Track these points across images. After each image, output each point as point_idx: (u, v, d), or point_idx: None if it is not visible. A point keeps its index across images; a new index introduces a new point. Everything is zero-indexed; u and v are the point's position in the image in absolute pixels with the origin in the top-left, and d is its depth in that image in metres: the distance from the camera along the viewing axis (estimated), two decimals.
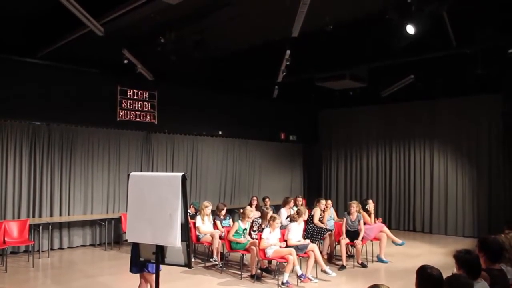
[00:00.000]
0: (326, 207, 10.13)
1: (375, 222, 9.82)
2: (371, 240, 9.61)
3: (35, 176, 10.07)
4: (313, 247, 8.09)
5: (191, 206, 10.09)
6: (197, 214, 9.47)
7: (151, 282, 5.38)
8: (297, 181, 16.45)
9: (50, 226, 9.69)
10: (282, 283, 7.57)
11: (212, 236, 8.95)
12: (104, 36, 7.58)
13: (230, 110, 13.29)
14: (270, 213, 8.65)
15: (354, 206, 9.33)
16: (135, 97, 11.19)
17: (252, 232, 8.61)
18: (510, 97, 11.68)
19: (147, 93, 11.41)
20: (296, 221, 8.35)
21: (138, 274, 5.50)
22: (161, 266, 4.61)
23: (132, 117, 11.13)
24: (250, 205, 10.90)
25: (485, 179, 12.56)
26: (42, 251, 9.68)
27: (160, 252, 4.36)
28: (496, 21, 8.47)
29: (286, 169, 15.99)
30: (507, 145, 12.02)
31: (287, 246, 7.96)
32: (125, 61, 9.44)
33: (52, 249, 10.00)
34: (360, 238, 9.09)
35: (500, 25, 8.54)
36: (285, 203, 10.45)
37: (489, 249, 4.23)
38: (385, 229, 9.76)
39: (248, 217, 8.56)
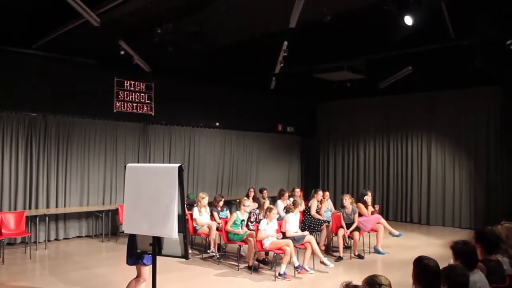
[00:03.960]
0: (324, 198, 10.15)
1: (372, 213, 9.83)
2: (368, 232, 9.63)
3: (31, 168, 10.04)
4: (310, 238, 8.10)
5: (186, 199, 10.08)
6: (192, 206, 9.46)
7: (143, 275, 5.35)
8: (294, 172, 16.46)
9: (47, 218, 9.67)
10: (279, 274, 7.59)
11: (210, 227, 8.96)
12: (101, 27, 7.51)
13: (228, 101, 13.27)
14: (267, 203, 8.66)
15: (347, 199, 9.36)
16: (132, 89, 11.15)
17: (249, 223, 8.63)
18: (509, 90, 11.67)
19: (144, 85, 11.37)
20: (292, 211, 8.35)
21: (135, 266, 5.48)
22: (150, 260, 4.60)
23: (129, 109, 11.10)
24: (248, 196, 10.90)
25: (482, 171, 12.58)
26: (38, 243, 9.69)
27: (157, 244, 4.35)
28: (495, 13, 8.43)
29: (284, 160, 15.99)
30: (505, 137, 12.03)
31: (284, 237, 7.97)
32: (122, 52, 9.36)
33: (48, 241, 9.99)
34: (351, 228, 9.10)
35: (499, 17, 8.50)
36: (280, 195, 10.46)
37: (485, 240, 4.24)
38: (382, 220, 9.77)
39: (244, 205, 8.56)
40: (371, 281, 3.09)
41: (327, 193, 10.48)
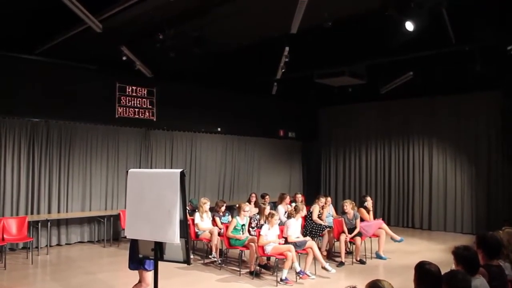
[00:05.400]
0: (325, 204, 10.14)
1: (374, 218, 9.83)
2: (370, 237, 9.61)
3: (33, 173, 10.05)
4: (312, 244, 8.10)
5: (189, 204, 10.10)
6: (195, 211, 9.47)
7: (145, 280, 5.37)
8: (296, 178, 16.45)
9: (48, 223, 9.68)
10: (281, 280, 7.58)
11: (211, 232, 8.96)
12: (103, 33, 7.56)
13: (229, 107, 13.29)
14: (268, 208, 8.66)
15: (348, 204, 9.35)
16: (133, 94, 11.18)
17: (250, 229, 8.63)
18: (509, 95, 11.69)
19: (145, 90, 11.40)
20: (294, 217, 8.35)
21: (137, 271, 5.49)
22: (152, 265, 4.61)
23: (131, 114, 11.13)
24: (249, 201, 10.91)
25: (483, 176, 12.57)
26: (40, 248, 9.69)
27: (159, 249, 4.36)
28: (495, 18, 8.46)
29: (285, 166, 15.99)
30: (506, 142, 12.04)
31: (286, 242, 7.97)
32: (124, 58, 9.41)
33: (50, 246, 9.99)
34: (353, 234, 9.11)
35: (499, 22, 8.53)
36: (281, 199, 10.47)
37: (487, 245, 4.24)
38: (384, 225, 9.77)
39: (244, 211, 8.56)
40: (374, 285, 3.10)
41: (329, 199, 10.48)
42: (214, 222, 9.41)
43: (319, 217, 9.89)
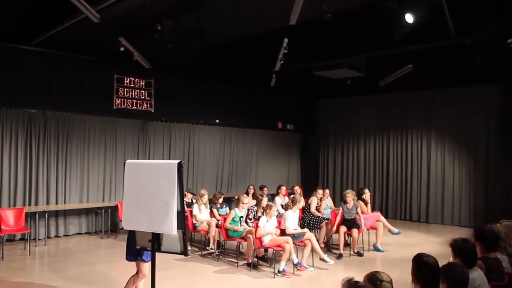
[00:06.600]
0: (324, 196, 10.15)
1: (371, 211, 9.84)
2: (368, 229, 9.63)
3: (31, 164, 10.02)
4: (310, 235, 8.11)
5: (187, 193, 10.06)
6: (194, 202, 9.47)
7: (143, 271, 5.37)
8: (294, 170, 16.46)
9: (46, 214, 9.67)
10: (279, 271, 7.60)
11: (209, 224, 8.97)
12: (100, 23, 7.50)
13: (228, 98, 13.24)
14: (265, 200, 8.66)
15: (350, 195, 9.35)
16: (131, 85, 11.12)
17: (248, 220, 8.62)
18: (509, 89, 11.66)
19: (143, 81, 11.34)
20: (291, 209, 8.34)
21: (135, 263, 5.49)
22: (149, 256, 4.61)
23: (129, 105, 11.07)
24: (247, 193, 10.91)
25: (482, 169, 12.58)
26: (38, 239, 9.69)
27: (156, 240, 4.35)
28: (496, 11, 8.43)
29: (284, 158, 15.99)
30: (504, 136, 12.04)
31: (283, 234, 7.97)
32: (122, 49, 9.35)
33: (48, 237, 9.99)
34: (362, 225, 9.13)
35: (500, 16, 8.50)
36: (277, 191, 10.51)
37: (485, 238, 4.25)
38: (382, 218, 9.79)
39: (243, 203, 8.56)
40: (373, 277, 3.11)
41: (327, 191, 10.47)
42: (212, 214, 9.41)
43: (317, 209, 9.89)
